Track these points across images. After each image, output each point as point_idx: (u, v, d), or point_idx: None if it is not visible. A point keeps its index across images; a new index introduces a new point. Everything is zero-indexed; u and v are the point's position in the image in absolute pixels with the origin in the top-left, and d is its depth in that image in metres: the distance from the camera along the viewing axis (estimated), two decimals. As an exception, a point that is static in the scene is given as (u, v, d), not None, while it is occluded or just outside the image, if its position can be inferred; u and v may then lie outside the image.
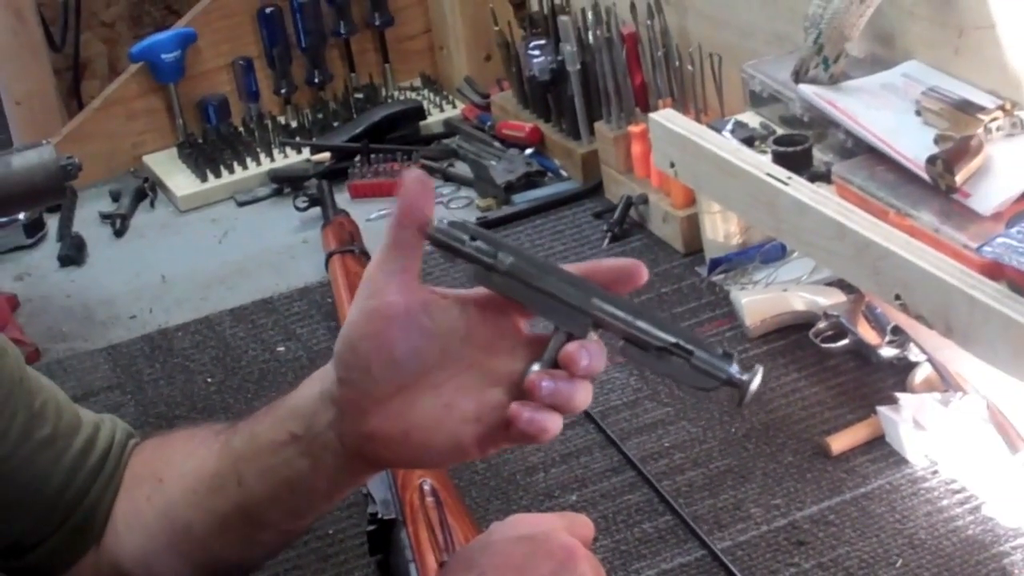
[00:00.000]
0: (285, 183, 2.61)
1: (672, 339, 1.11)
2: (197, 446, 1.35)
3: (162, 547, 1.36)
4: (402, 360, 1.17)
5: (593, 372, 1.15)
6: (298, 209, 2.48)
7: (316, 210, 2.44)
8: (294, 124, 2.80)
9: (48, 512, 1.36)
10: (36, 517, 1.35)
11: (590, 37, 2.33)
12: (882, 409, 1.67)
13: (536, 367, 1.13)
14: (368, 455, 1.21)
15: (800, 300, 1.90)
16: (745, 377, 1.09)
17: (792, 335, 1.89)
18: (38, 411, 1.35)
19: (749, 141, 1.93)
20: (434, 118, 2.78)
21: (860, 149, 1.77)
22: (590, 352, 1.14)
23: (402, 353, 1.17)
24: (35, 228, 2.55)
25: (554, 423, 1.15)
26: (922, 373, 1.71)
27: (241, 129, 2.79)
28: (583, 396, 1.15)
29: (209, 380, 2.05)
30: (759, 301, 1.92)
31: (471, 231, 1.15)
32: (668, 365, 1.11)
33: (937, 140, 1.66)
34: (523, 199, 2.41)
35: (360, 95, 2.84)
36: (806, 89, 1.86)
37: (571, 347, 1.14)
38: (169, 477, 1.36)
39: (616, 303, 1.13)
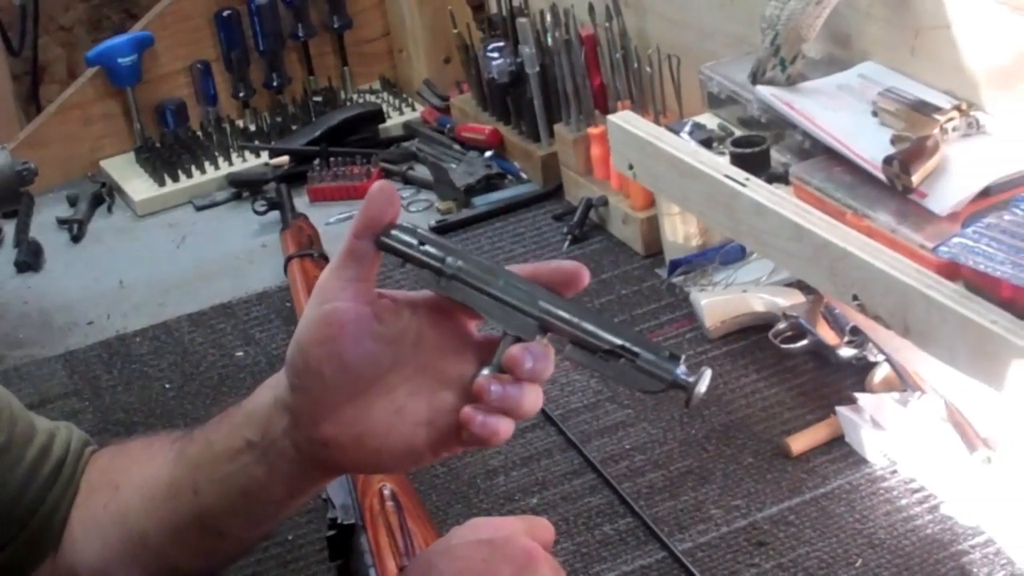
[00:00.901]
0: (243, 187, 2.60)
1: (618, 341, 1.11)
2: (154, 454, 1.34)
3: (119, 555, 1.35)
4: (353, 366, 1.17)
5: (539, 375, 1.15)
6: (257, 213, 2.47)
7: (275, 214, 2.44)
8: (252, 128, 2.79)
9: (3, 521, 1.35)
10: None
11: (549, 39, 2.33)
12: (841, 409, 1.68)
13: (486, 371, 1.13)
14: (323, 461, 1.21)
15: (759, 301, 1.90)
16: (692, 379, 1.08)
17: (752, 336, 1.90)
18: None
19: (707, 143, 1.93)
20: (393, 121, 2.77)
21: (817, 150, 1.78)
22: (534, 355, 1.14)
23: (353, 359, 1.17)
24: (-9, 234, 2.54)
25: (505, 427, 1.15)
26: (881, 373, 1.72)
27: (199, 133, 2.77)
28: (531, 400, 1.15)
29: (168, 386, 2.05)
30: (719, 302, 1.92)
31: (420, 236, 1.16)
32: (614, 368, 1.11)
33: (894, 141, 1.66)
34: (483, 202, 2.40)
35: (319, 98, 2.84)
36: (764, 90, 1.86)
37: (515, 350, 1.14)
38: (125, 485, 1.35)
39: (562, 306, 1.13)
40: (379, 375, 1.17)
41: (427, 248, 1.16)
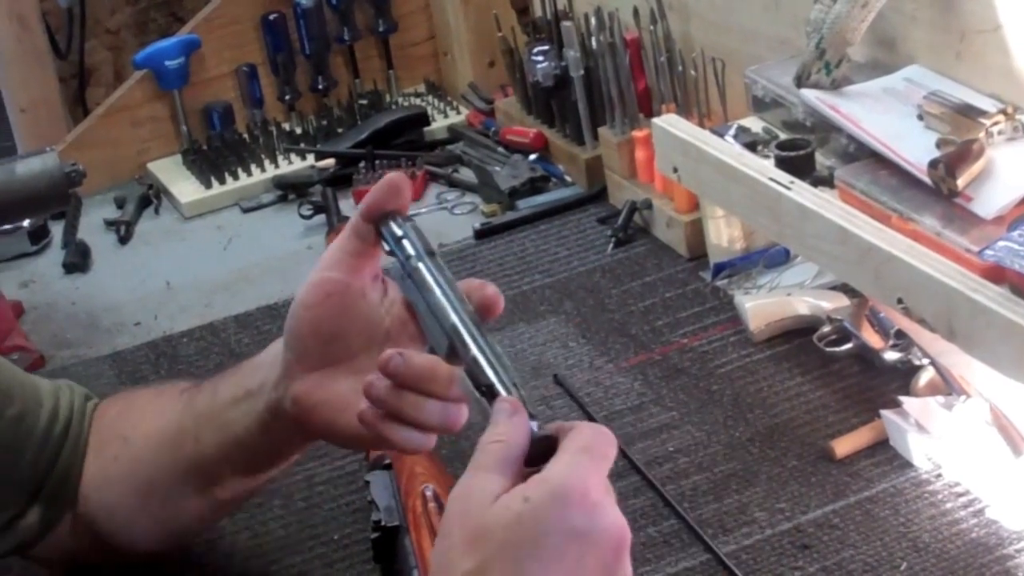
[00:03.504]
0: (289, 190, 2.61)
1: (488, 380, 1.10)
2: (162, 405, 1.44)
3: (131, 505, 1.45)
4: (328, 335, 1.25)
5: (420, 386, 1.18)
6: (303, 216, 2.48)
7: (321, 217, 2.45)
8: (298, 131, 2.80)
9: (24, 485, 1.43)
10: (14, 492, 1.42)
11: (593, 43, 2.33)
12: (886, 413, 1.68)
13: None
14: (294, 419, 1.30)
15: (804, 304, 1.90)
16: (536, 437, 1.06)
17: (796, 339, 1.89)
18: (5, 390, 1.41)
19: (752, 146, 1.93)
20: (438, 124, 2.78)
21: (862, 153, 1.78)
22: (410, 365, 1.17)
23: (329, 329, 1.25)
24: (39, 235, 2.56)
25: (396, 434, 1.21)
26: (925, 377, 1.71)
27: (245, 136, 2.79)
28: (413, 409, 1.19)
29: (214, 387, 2.06)
30: (763, 305, 1.92)
31: (406, 231, 1.21)
32: (482, 406, 1.10)
33: (939, 144, 1.66)
34: (527, 204, 2.41)
35: (364, 101, 2.85)
36: (808, 94, 1.86)
37: (385, 354, 1.18)
38: (134, 437, 1.44)
39: (470, 331, 1.14)
40: (351, 352, 1.26)
41: (404, 243, 1.20)
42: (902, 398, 1.67)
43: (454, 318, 1.15)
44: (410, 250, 1.21)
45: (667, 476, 1.69)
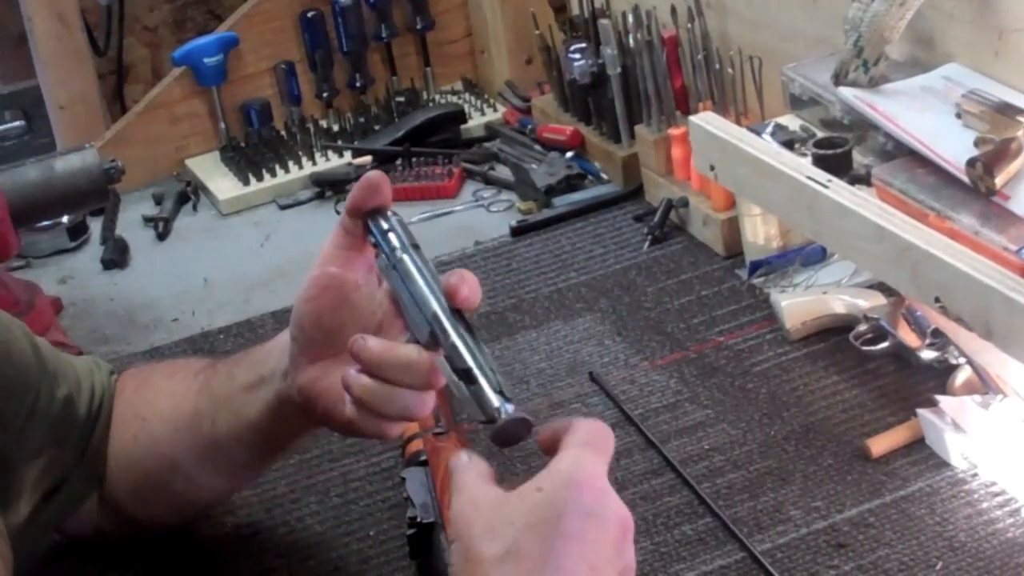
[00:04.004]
0: (327, 186, 2.62)
1: (467, 364, 1.14)
2: (177, 385, 1.51)
3: (152, 483, 1.53)
4: (328, 327, 1.31)
5: (385, 374, 1.23)
6: (339, 214, 2.48)
7: (358, 213, 2.45)
8: (336, 128, 2.81)
9: (68, 462, 1.49)
10: (57, 469, 1.47)
11: (630, 40, 2.33)
12: (922, 412, 1.67)
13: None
14: (300, 408, 1.35)
15: (840, 303, 1.90)
16: (501, 416, 1.12)
17: (832, 338, 1.89)
18: (53, 372, 1.46)
19: (789, 144, 1.93)
20: (475, 122, 2.78)
21: (900, 152, 1.77)
22: (364, 345, 1.23)
23: (328, 321, 1.31)
24: (78, 231, 2.57)
25: (367, 424, 1.28)
26: (962, 376, 1.71)
27: (283, 132, 2.80)
28: (383, 399, 1.25)
29: (251, 382, 2.06)
30: (799, 304, 1.92)
31: (392, 225, 1.27)
32: (460, 391, 1.15)
33: (977, 143, 1.66)
34: (564, 202, 2.41)
35: (401, 99, 2.85)
36: (846, 92, 1.86)
37: (352, 337, 1.24)
38: (151, 416, 1.53)
39: (449, 319, 1.18)
40: (345, 345, 1.28)
41: (390, 236, 1.26)
42: (938, 397, 1.67)
43: (435, 306, 1.19)
44: (395, 242, 1.26)
45: (702, 474, 1.70)
